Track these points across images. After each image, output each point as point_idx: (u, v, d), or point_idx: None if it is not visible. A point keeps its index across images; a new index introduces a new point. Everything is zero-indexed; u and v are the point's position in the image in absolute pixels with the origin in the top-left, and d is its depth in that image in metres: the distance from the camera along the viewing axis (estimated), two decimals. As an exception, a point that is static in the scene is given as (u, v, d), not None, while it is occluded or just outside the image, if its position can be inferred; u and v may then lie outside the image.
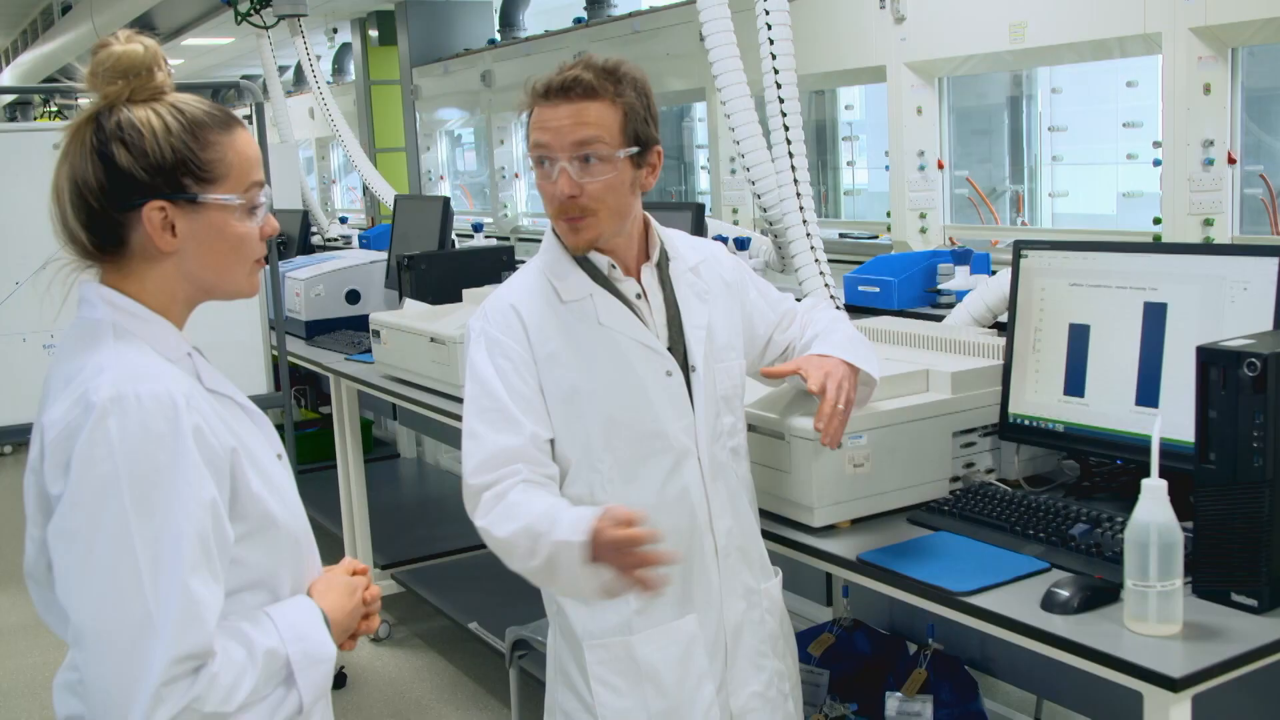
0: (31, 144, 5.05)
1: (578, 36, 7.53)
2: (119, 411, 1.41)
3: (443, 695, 4.21)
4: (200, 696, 1.40)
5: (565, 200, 2.01)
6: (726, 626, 2.15)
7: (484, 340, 2.07)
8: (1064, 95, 5.74)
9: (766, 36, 3.32)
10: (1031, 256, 2.51)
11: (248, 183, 1.57)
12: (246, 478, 1.52)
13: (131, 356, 1.49)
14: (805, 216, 3.35)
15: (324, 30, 11.03)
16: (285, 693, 1.52)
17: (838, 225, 6.33)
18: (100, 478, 1.40)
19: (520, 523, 1.93)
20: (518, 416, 2.02)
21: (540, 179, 2.04)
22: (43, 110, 15.48)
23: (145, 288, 1.55)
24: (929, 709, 2.68)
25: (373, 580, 1.78)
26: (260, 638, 1.50)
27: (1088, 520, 2.17)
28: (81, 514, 1.41)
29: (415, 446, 6.49)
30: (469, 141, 10.40)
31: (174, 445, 1.43)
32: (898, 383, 2.45)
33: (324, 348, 4.75)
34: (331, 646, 1.58)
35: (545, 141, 2.00)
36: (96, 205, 1.51)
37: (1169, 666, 1.71)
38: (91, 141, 1.51)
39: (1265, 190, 4.52)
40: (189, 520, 1.42)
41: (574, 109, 1.98)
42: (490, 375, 2.04)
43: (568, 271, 2.10)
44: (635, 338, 2.08)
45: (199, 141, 1.53)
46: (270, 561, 1.57)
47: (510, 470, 1.99)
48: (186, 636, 1.40)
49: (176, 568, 1.40)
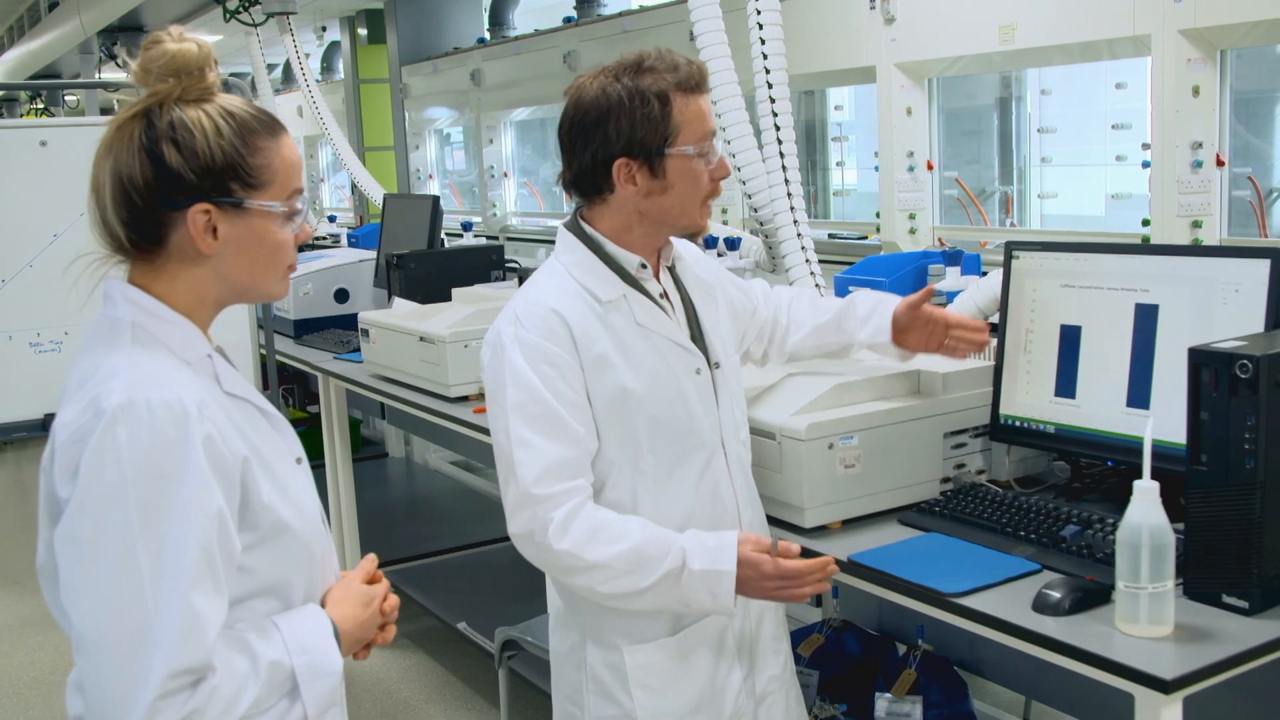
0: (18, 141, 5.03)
1: (567, 36, 7.52)
2: (129, 419, 1.40)
3: (431, 696, 4.20)
4: (199, 709, 1.39)
5: (720, 181, 2.08)
6: (751, 614, 2.19)
7: (520, 346, 2.00)
8: (1053, 97, 5.74)
9: (758, 36, 3.32)
10: (1023, 258, 2.51)
11: (290, 189, 1.56)
12: (258, 486, 1.50)
13: (146, 361, 1.47)
14: (796, 216, 3.35)
15: (313, 28, 10.98)
16: (290, 705, 1.51)
17: (827, 226, 6.32)
18: (107, 485, 1.39)
19: (620, 547, 1.95)
20: (572, 424, 1.99)
21: (701, 167, 2.05)
22: (29, 107, 15.40)
23: (175, 287, 1.54)
24: (919, 710, 2.68)
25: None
26: (265, 649, 1.49)
27: (1079, 522, 2.17)
28: (87, 521, 1.40)
29: (404, 446, 6.48)
30: (458, 141, 10.39)
31: (182, 455, 1.41)
32: (889, 383, 2.45)
33: (312, 346, 4.74)
34: (338, 659, 1.57)
35: (712, 129, 2.06)
36: (140, 202, 1.49)
37: (1161, 668, 1.71)
38: (141, 138, 1.49)
39: (1253, 193, 4.53)
40: (194, 532, 1.41)
41: (707, 98, 2.08)
42: (536, 382, 1.98)
43: (600, 272, 2.08)
44: (670, 336, 2.10)
45: (248, 146, 1.52)
46: (281, 569, 1.56)
47: (576, 486, 1.98)
48: (185, 651, 1.38)
49: (178, 581, 1.39)
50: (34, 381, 4.97)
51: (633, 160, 2.01)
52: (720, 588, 1.95)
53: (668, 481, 2.08)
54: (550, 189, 9.11)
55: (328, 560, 1.67)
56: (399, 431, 6.38)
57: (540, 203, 9.11)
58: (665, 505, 2.06)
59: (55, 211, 5.12)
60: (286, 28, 7.77)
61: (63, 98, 14.85)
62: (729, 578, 1.94)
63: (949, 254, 3.50)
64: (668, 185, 2.03)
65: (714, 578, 1.94)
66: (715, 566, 1.94)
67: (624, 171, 2.02)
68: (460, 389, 3.58)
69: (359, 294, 5.03)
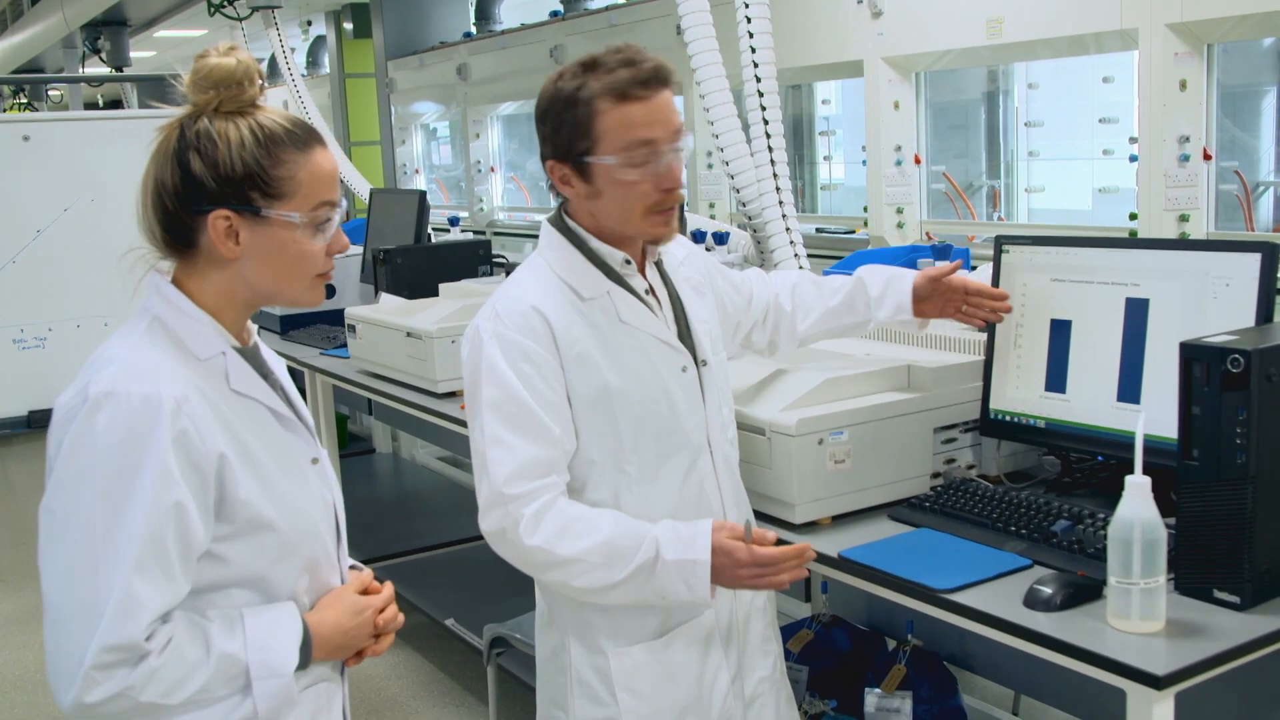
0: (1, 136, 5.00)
1: (554, 30, 7.50)
2: (109, 407, 1.50)
3: (419, 692, 4.18)
4: (136, 686, 1.48)
5: (672, 191, 1.98)
6: (738, 616, 2.17)
7: (499, 343, 1.98)
8: (1040, 91, 5.75)
9: (746, 30, 3.31)
10: (1013, 252, 2.50)
11: (316, 201, 1.63)
12: (235, 482, 1.57)
13: (145, 354, 1.57)
14: (784, 211, 3.34)
15: (298, 22, 10.96)
16: (241, 699, 1.57)
17: (814, 220, 6.34)
18: (79, 466, 1.50)
19: (592, 540, 1.93)
20: (548, 424, 1.96)
21: (636, 175, 1.95)
22: (12, 102, 15.32)
23: (206, 286, 1.63)
24: (908, 705, 2.67)
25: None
26: (223, 641, 1.56)
27: (1069, 517, 2.17)
28: (61, 496, 1.51)
29: (391, 441, 6.46)
30: (444, 135, 10.37)
31: (147, 448, 1.50)
32: (879, 378, 2.44)
33: (299, 342, 4.72)
34: (292, 661, 1.61)
35: (655, 136, 1.94)
36: (170, 206, 1.60)
37: (1152, 664, 1.70)
38: (174, 146, 1.59)
39: (1240, 186, 4.54)
40: (147, 521, 1.49)
41: (667, 97, 1.97)
42: (513, 380, 1.96)
43: (582, 268, 2.04)
44: (655, 334, 2.06)
45: (271, 158, 1.59)
46: (258, 563, 1.62)
47: (548, 483, 1.96)
48: (120, 628, 1.47)
49: (123, 563, 1.48)
50: (18, 378, 4.95)
51: (561, 164, 1.98)
52: (695, 577, 1.92)
53: (651, 482, 2.05)
54: (537, 184, 9.10)
55: (327, 562, 1.72)
56: (386, 427, 6.36)
57: (527, 197, 9.10)
58: (648, 506, 2.03)
59: (38, 207, 5.09)
60: (271, 22, 7.74)
61: (46, 92, 14.78)
62: (703, 567, 1.91)
63: (938, 248, 3.49)
64: (599, 192, 1.98)
65: (688, 567, 1.92)
66: (689, 556, 1.92)
67: (557, 173, 2.00)
68: (447, 384, 3.56)
69: (345, 289, 5.01)
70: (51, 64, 13.66)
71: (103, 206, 5.16)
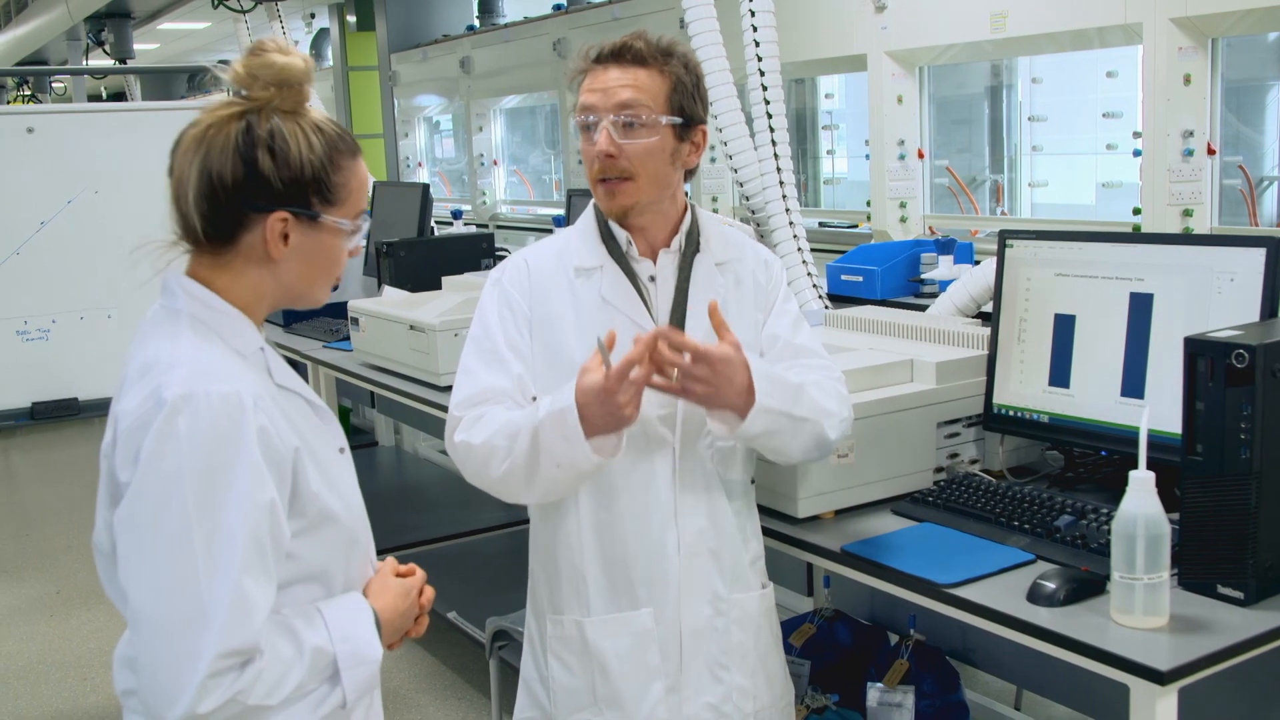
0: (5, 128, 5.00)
1: (557, 23, 7.49)
2: (189, 410, 1.46)
3: (421, 685, 4.19)
4: (245, 690, 1.46)
5: (605, 160, 2.00)
6: (684, 628, 2.09)
7: (497, 288, 2.13)
8: (1044, 85, 5.74)
9: (750, 23, 3.31)
10: (1017, 246, 2.50)
11: (359, 209, 1.65)
12: (307, 475, 1.57)
13: (206, 353, 1.54)
14: (788, 205, 3.33)
15: (302, 15, 10.94)
16: (330, 689, 1.58)
17: (817, 214, 6.32)
18: (166, 473, 1.46)
19: (497, 424, 1.98)
20: (510, 360, 2.07)
21: (584, 143, 2.04)
22: (16, 94, 15.31)
23: (236, 284, 1.60)
24: (910, 700, 2.67)
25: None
26: (310, 635, 1.55)
27: (1073, 512, 2.16)
28: (146, 505, 1.47)
29: (394, 435, 6.45)
30: (447, 128, 10.36)
31: (238, 446, 1.48)
32: (881, 373, 2.44)
33: (301, 335, 4.71)
34: (379, 648, 1.63)
35: (592, 103, 2.01)
36: (224, 200, 1.55)
37: (1156, 659, 1.70)
38: (238, 140, 1.55)
39: (1244, 181, 4.53)
40: (246, 520, 1.47)
41: (623, 72, 2.01)
42: (494, 320, 2.10)
43: (590, 240, 2.12)
44: (632, 317, 2.06)
45: (333, 164, 1.59)
46: (324, 556, 1.62)
47: (495, 403, 2.04)
48: (235, 633, 1.45)
49: (231, 565, 1.45)
50: (21, 370, 4.94)
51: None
52: (566, 425, 1.88)
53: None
54: (540, 177, 9.09)
55: (368, 549, 1.74)
56: (389, 420, 6.36)
57: (530, 190, 9.08)
58: (597, 487, 2.06)
59: (42, 199, 5.08)
60: (275, 14, 7.74)
61: (50, 84, 14.77)
62: (570, 413, 1.87)
63: (941, 242, 3.50)
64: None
65: (559, 417, 1.88)
66: (556, 405, 1.89)
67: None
68: (450, 377, 3.52)
69: (348, 282, 5.00)
70: (55, 56, 13.65)
71: (107, 198, 5.15)
